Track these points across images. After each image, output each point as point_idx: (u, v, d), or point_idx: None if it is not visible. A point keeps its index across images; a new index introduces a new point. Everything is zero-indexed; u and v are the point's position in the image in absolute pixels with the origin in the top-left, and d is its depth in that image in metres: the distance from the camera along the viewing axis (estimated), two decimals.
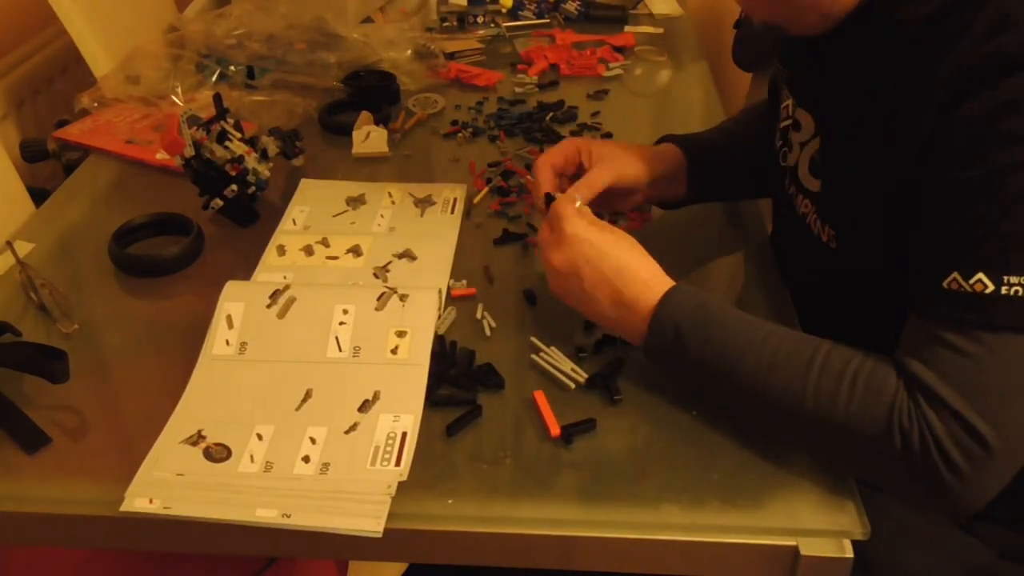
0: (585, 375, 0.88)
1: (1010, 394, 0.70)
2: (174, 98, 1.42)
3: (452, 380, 0.87)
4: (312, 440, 0.80)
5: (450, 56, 1.60)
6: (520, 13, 1.83)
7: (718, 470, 0.78)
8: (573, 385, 0.87)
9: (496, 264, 1.05)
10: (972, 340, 0.70)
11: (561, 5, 1.85)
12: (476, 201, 1.17)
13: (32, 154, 1.37)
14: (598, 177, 0.96)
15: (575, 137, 1.00)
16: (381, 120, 1.35)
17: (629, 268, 0.84)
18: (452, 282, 1.01)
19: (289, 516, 0.73)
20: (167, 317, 1.00)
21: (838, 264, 0.87)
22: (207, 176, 1.11)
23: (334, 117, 1.38)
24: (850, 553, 0.72)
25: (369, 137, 1.31)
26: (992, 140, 0.69)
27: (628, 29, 1.78)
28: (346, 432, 0.81)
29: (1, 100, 1.53)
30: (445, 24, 1.76)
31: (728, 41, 1.87)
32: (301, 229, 1.11)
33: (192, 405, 0.84)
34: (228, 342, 0.89)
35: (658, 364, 0.85)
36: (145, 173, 1.27)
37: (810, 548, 0.72)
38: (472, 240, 1.10)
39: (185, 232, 1.07)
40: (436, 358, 0.88)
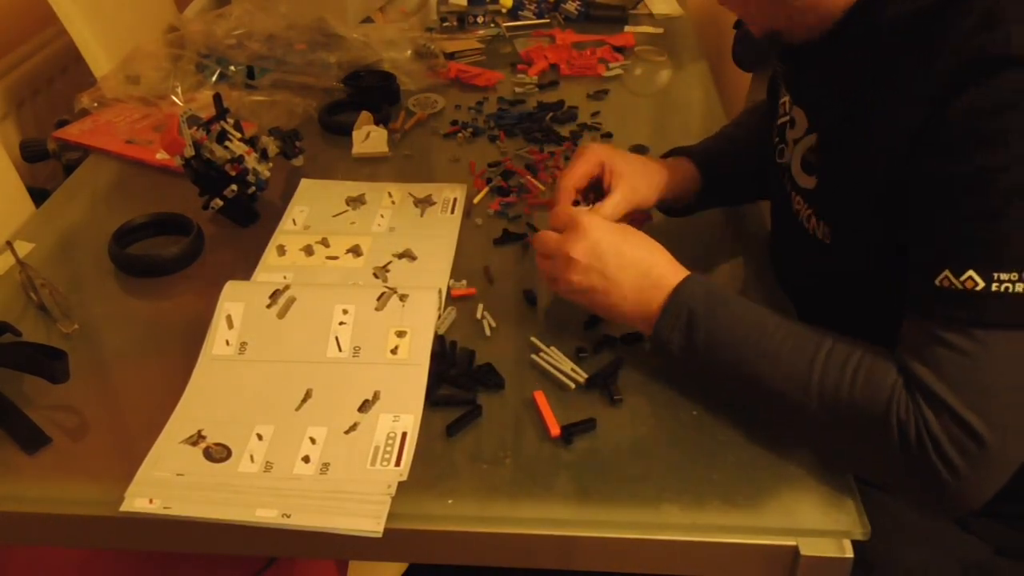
0: (585, 375, 0.88)
1: (1004, 390, 0.70)
2: (174, 98, 1.42)
3: (452, 380, 0.87)
4: (312, 440, 0.80)
5: (450, 56, 1.60)
6: (520, 13, 1.83)
7: (718, 470, 0.78)
8: (573, 385, 0.87)
9: (496, 264, 1.05)
10: (965, 337, 0.71)
11: (561, 5, 1.85)
12: (476, 201, 1.18)
13: (32, 154, 1.37)
14: (614, 209, 0.97)
15: (597, 146, 1.02)
16: (381, 120, 1.35)
17: (654, 251, 0.87)
18: (452, 282, 1.01)
19: (289, 516, 0.73)
20: (167, 317, 1.00)
21: (833, 262, 0.87)
22: (207, 176, 1.11)
23: (334, 117, 1.38)
24: (850, 553, 0.72)
25: (369, 137, 1.31)
26: (979, 139, 0.69)
27: (628, 29, 1.78)
28: (346, 432, 0.81)
29: (1, 100, 1.53)
30: (445, 24, 1.76)
31: (728, 41, 1.87)
32: (301, 229, 1.11)
33: (192, 405, 0.84)
34: (228, 342, 0.89)
35: (663, 350, 0.84)
36: (145, 173, 1.27)
37: (810, 548, 0.72)
38: (472, 240, 1.10)
39: (185, 232, 1.07)
40: (436, 358, 0.88)
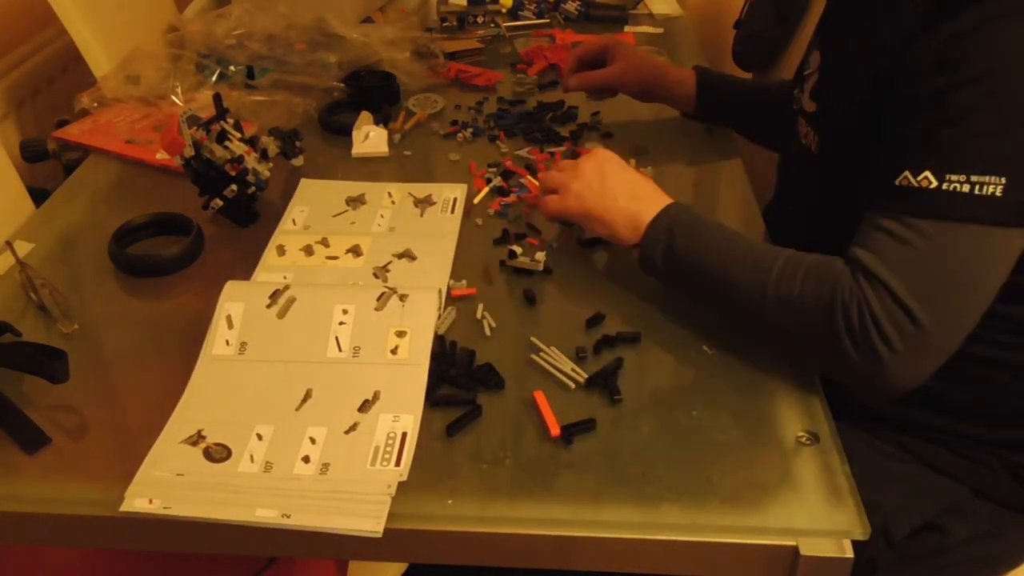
0: (585, 375, 0.88)
1: (942, 278, 0.79)
2: (174, 98, 1.42)
3: (452, 380, 0.87)
4: (312, 440, 0.80)
5: (450, 56, 1.60)
6: (520, 13, 1.83)
7: (718, 470, 0.78)
8: (573, 385, 0.87)
9: (496, 264, 1.05)
10: (912, 229, 0.79)
11: (561, 5, 1.85)
12: (476, 201, 1.18)
13: (32, 154, 1.37)
14: (600, 76, 1.30)
15: (614, 38, 1.34)
16: (381, 120, 1.35)
17: (649, 181, 1.00)
18: (452, 282, 1.01)
19: (289, 516, 0.73)
20: (167, 317, 1.00)
21: (819, 170, 0.99)
22: (207, 176, 1.11)
23: (334, 117, 1.38)
24: (850, 553, 0.72)
25: (369, 137, 1.31)
26: (943, 63, 0.79)
27: (628, 29, 1.78)
28: (346, 432, 0.81)
29: (1, 100, 1.53)
30: (445, 24, 1.76)
31: (728, 41, 1.87)
32: (301, 229, 1.11)
33: (192, 405, 0.84)
34: (228, 342, 0.89)
35: (647, 260, 0.95)
36: (145, 173, 1.27)
37: (810, 548, 0.72)
38: (472, 240, 1.10)
39: (185, 232, 1.07)
40: (436, 358, 0.88)
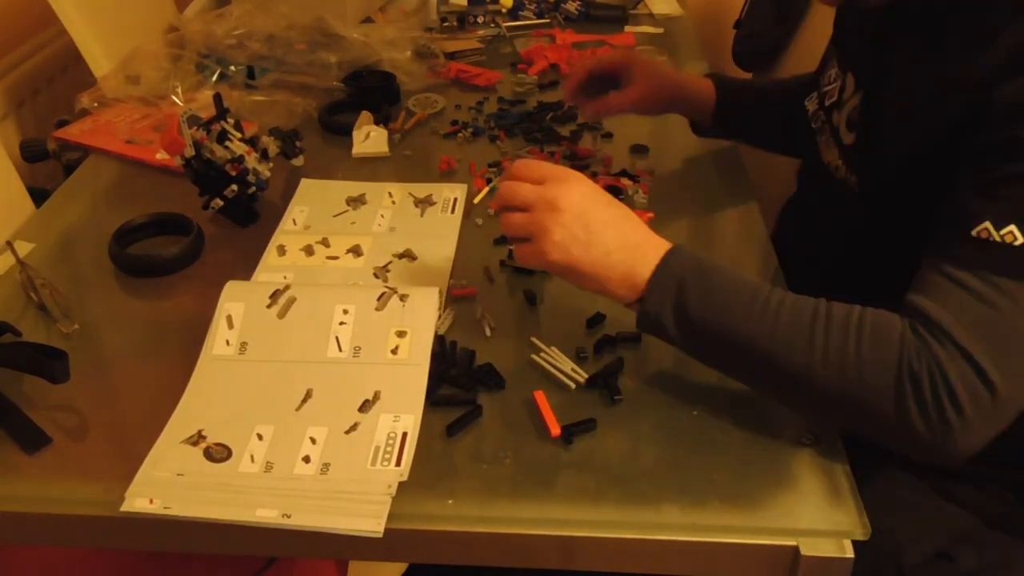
0: (585, 375, 0.87)
1: (1022, 341, 0.71)
2: (174, 98, 1.42)
3: (452, 380, 0.87)
4: (312, 440, 0.80)
5: (450, 56, 1.60)
6: (520, 13, 1.83)
7: (718, 470, 0.78)
8: (573, 385, 0.87)
9: (496, 264, 1.05)
10: (992, 287, 0.71)
11: (561, 5, 1.85)
12: (476, 201, 1.17)
13: (32, 154, 1.37)
14: (618, 103, 1.19)
15: (629, 53, 1.26)
16: (381, 120, 1.35)
17: (634, 216, 0.84)
18: (452, 282, 1.01)
19: (289, 516, 0.73)
20: (167, 317, 1.00)
21: (858, 211, 0.91)
22: (207, 176, 1.11)
23: (334, 117, 1.38)
24: (850, 553, 0.72)
25: (369, 137, 1.31)
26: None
27: (628, 29, 1.78)
28: (346, 432, 0.81)
29: (1, 100, 1.53)
30: (445, 24, 1.76)
31: (728, 41, 1.87)
32: (301, 229, 1.11)
33: (192, 405, 0.84)
34: (228, 342, 0.89)
35: (652, 324, 0.81)
36: (145, 173, 1.27)
37: (810, 548, 0.72)
38: (472, 240, 1.10)
39: (185, 232, 1.07)
40: (436, 358, 0.88)
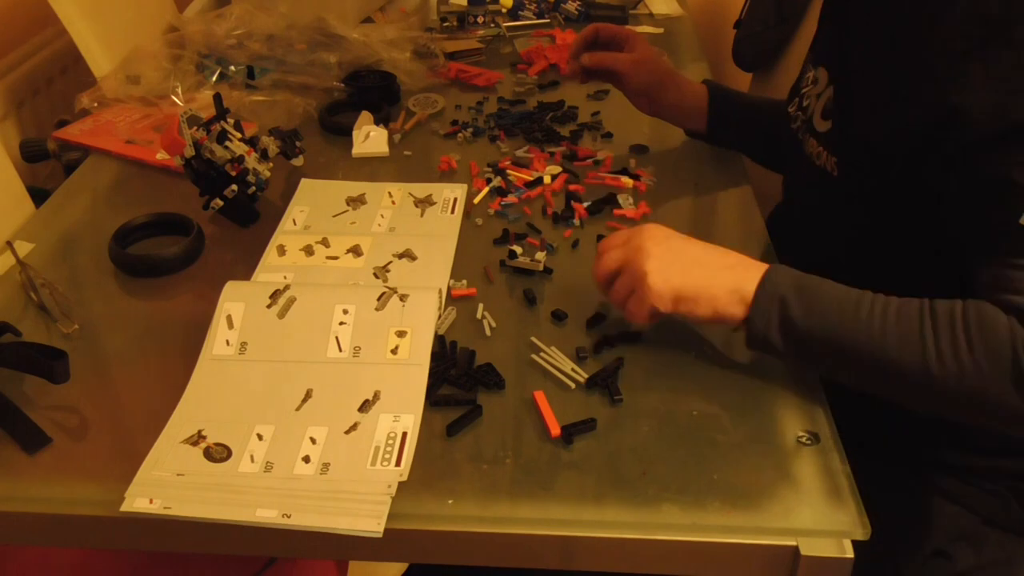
0: (585, 375, 0.88)
1: None
2: (174, 98, 1.42)
3: (452, 380, 0.87)
4: (312, 440, 0.80)
5: (450, 56, 1.60)
6: (520, 13, 1.83)
7: (718, 470, 0.78)
8: (573, 385, 0.87)
9: (496, 264, 1.05)
10: None
11: (561, 5, 1.85)
12: (476, 201, 1.18)
13: (32, 154, 1.37)
14: (612, 58, 1.20)
15: (633, 29, 1.32)
16: (381, 120, 1.35)
17: (719, 246, 0.88)
18: (452, 282, 1.01)
19: (289, 516, 0.73)
20: (167, 317, 1.00)
21: (838, 191, 0.95)
22: (207, 176, 1.11)
23: (334, 117, 1.38)
24: (850, 553, 0.72)
25: (369, 137, 1.31)
26: None
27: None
28: (346, 432, 0.81)
29: (1, 100, 1.53)
30: (445, 24, 1.76)
31: (728, 41, 1.87)
32: (301, 229, 1.11)
33: (192, 405, 0.84)
34: (228, 342, 0.89)
35: (760, 341, 0.83)
36: (145, 173, 1.27)
37: (810, 548, 0.72)
38: (472, 240, 1.10)
39: (185, 232, 1.07)
40: (436, 358, 0.88)
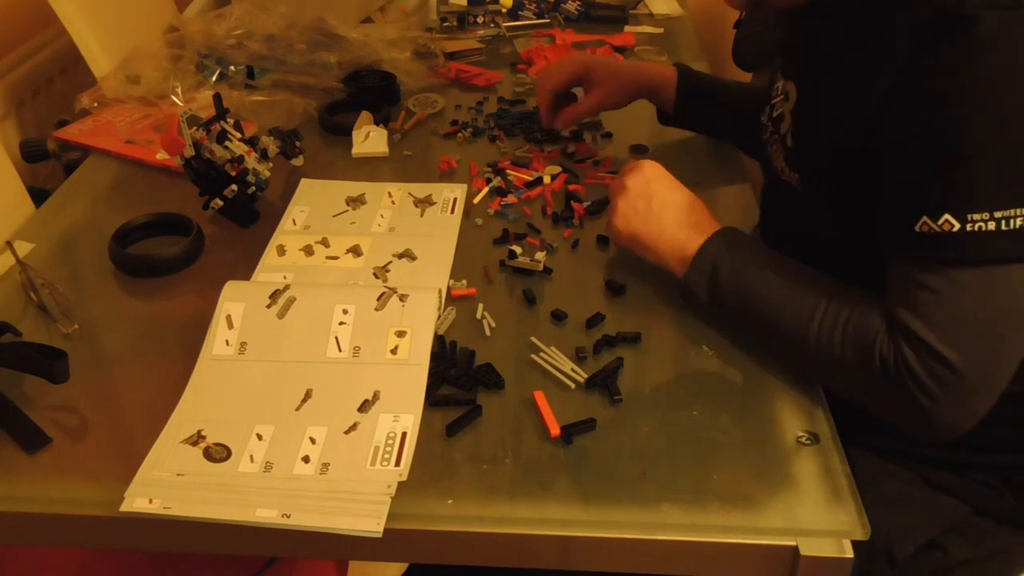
0: (585, 375, 0.88)
1: (977, 321, 0.76)
2: (174, 98, 1.42)
3: (452, 380, 0.87)
4: (312, 440, 0.80)
5: (450, 56, 1.60)
6: (520, 13, 1.83)
7: (718, 470, 0.78)
8: (573, 385, 0.87)
9: (496, 264, 1.05)
10: (942, 277, 0.77)
11: (561, 5, 1.85)
12: (476, 201, 1.18)
13: (32, 154, 1.37)
14: (586, 109, 1.26)
15: (579, 57, 1.32)
16: (381, 120, 1.35)
17: (698, 201, 0.97)
18: (452, 282, 1.01)
19: (289, 516, 0.73)
20: (167, 317, 1.00)
21: (803, 207, 0.96)
22: (207, 176, 1.11)
23: (334, 117, 1.38)
24: (850, 553, 0.72)
25: (369, 137, 1.31)
26: (942, 95, 0.75)
27: (628, 29, 1.78)
28: (346, 432, 0.81)
29: (1, 100, 1.53)
30: (445, 24, 1.76)
31: (728, 41, 1.87)
32: (301, 229, 1.11)
33: (192, 405, 0.84)
34: (228, 342, 0.89)
35: (690, 295, 0.93)
36: (145, 173, 1.27)
37: (810, 548, 0.72)
38: (472, 240, 1.10)
39: (185, 232, 1.07)
40: (436, 358, 0.88)
